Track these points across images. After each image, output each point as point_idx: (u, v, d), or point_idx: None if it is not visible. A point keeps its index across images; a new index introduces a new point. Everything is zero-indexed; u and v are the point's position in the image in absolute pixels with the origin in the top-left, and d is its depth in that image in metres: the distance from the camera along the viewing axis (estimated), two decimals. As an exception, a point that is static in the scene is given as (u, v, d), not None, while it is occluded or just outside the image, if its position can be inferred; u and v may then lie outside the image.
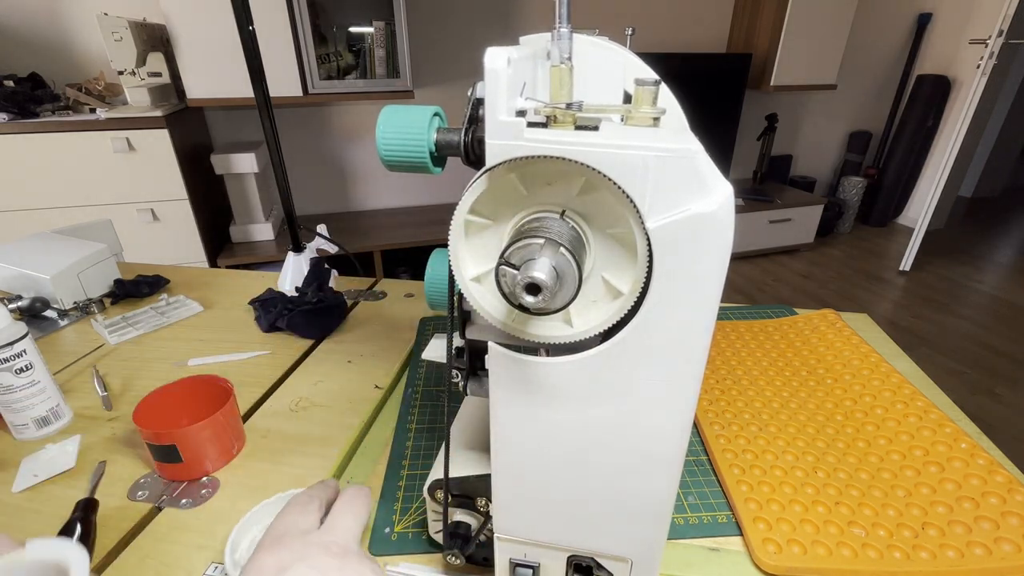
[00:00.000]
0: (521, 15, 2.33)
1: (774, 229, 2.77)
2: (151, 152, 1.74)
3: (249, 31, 0.68)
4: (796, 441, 0.52)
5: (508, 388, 0.28)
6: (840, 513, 0.44)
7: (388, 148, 0.26)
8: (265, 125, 0.73)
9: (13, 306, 0.73)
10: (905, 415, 0.54)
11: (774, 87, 2.53)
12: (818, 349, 0.66)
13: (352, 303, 0.81)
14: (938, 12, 2.89)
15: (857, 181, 3.10)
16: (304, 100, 1.92)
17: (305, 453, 0.52)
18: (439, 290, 0.30)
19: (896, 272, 2.66)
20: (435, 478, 0.37)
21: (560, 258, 0.20)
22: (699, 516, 0.45)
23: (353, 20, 1.93)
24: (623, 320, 0.24)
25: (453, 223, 0.23)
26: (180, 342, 0.72)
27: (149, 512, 0.46)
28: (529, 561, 0.35)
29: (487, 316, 0.25)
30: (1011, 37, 2.20)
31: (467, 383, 0.33)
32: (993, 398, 1.75)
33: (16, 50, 1.87)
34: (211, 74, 1.79)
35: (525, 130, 0.21)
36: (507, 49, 0.21)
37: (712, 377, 0.62)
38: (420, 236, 2.21)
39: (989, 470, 0.47)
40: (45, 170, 1.68)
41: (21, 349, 0.51)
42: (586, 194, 0.23)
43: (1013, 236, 3.11)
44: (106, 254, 0.82)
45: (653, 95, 0.22)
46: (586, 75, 0.31)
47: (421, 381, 0.62)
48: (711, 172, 0.21)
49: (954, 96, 2.92)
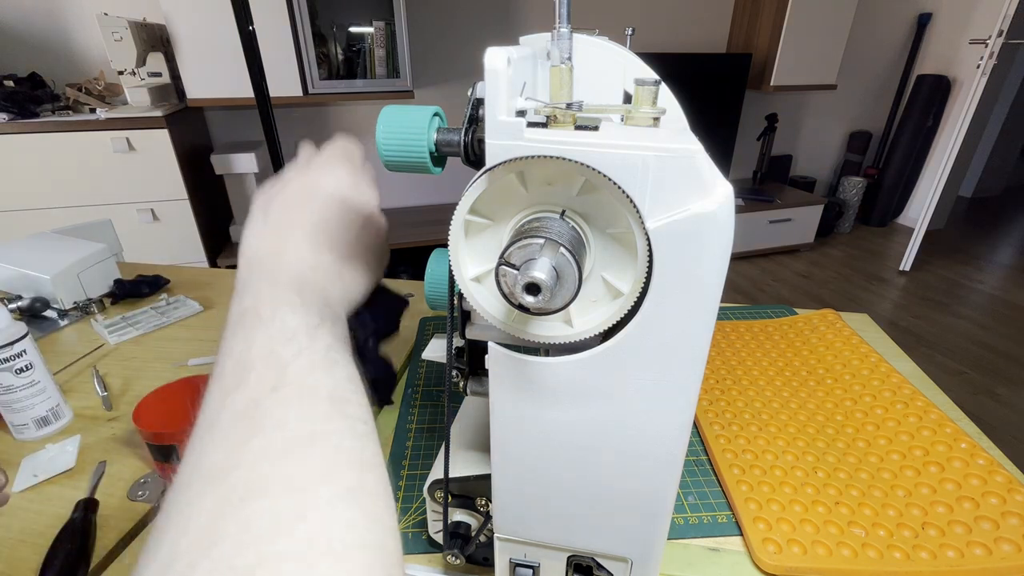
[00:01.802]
0: (521, 15, 2.33)
1: (774, 229, 2.77)
2: (151, 152, 1.74)
3: (249, 31, 0.68)
4: (796, 441, 0.52)
5: (508, 388, 0.28)
6: (840, 513, 0.44)
7: (388, 148, 0.26)
8: (265, 125, 0.73)
9: (13, 306, 0.73)
10: (905, 415, 0.54)
11: (774, 87, 2.53)
12: (818, 349, 0.66)
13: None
14: (938, 12, 2.89)
15: (857, 181, 3.10)
16: (304, 100, 1.92)
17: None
18: (439, 290, 0.30)
19: (896, 272, 2.66)
20: (435, 478, 0.37)
21: (560, 258, 0.20)
22: (699, 516, 0.45)
23: (353, 20, 1.94)
24: (623, 320, 0.24)
25: (453, 223, 0.23)
26: (180, 342, 0.72)
27: (149, 512, 0.46)
28: (529, 561, 0.35)
29: (487, 316, 0.25)
30: (1011, 37, 2.20)
31: (467, 383, 0.33)
32: (993, 398, 1.75)
33: (16, 50, 1.87)
34: (211, 74, 1.79)
35: (525, 130, 0.21)
36: (507, 49, 0.21)
37: (712, 377, 0.62)
38: (420, 236, 2.21)
39: (989, 470, 0.47)
40: (45, 170, 1.68)
41: (21, 349, 0.51)
42: (586, 194, 0.23)
43: (1013, 236, 3.11)
44: (106, 254, 0.82)
45: (653, 95, 0.22)
46: (586, 75, 0.31)
47: (421, 381, 0.62)
48: (711, 172, 0.21)
49: (954, 96, 2.92)
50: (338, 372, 0.24)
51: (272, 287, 0.26)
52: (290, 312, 0.25)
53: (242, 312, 0.25)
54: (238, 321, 0.24)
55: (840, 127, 3.18)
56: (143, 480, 0.49)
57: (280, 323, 0.24)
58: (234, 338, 0.24)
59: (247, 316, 0.25)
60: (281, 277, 0.27)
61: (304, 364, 0.22)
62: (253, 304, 0.25)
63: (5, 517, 0.45)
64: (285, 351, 0.23)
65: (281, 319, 0.24)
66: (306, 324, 0.24)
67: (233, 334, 0.24)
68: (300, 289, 0.27)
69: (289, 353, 0.23)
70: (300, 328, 0.24)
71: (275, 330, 0.24)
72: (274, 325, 0.24)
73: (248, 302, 0.25)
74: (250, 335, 0.23)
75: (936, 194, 2.47)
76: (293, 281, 0.27)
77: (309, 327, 0.24)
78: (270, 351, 0.23)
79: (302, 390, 0.21)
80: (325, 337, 0.25)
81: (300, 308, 0.25)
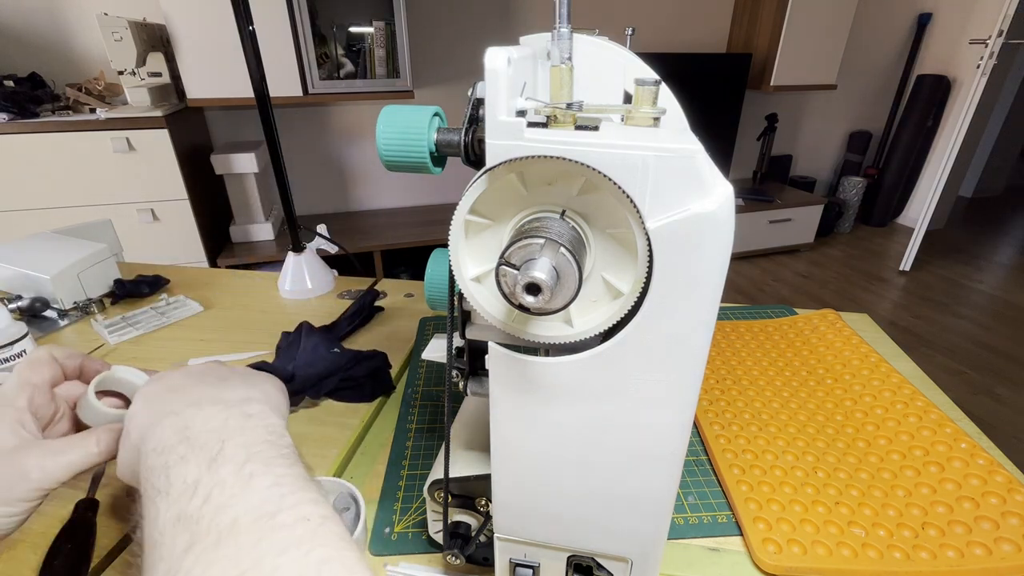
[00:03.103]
0: (521, 15, 2.33)
1: (774, 229, 2.77)
2: (151, 152, 1.74)
3: (249, 31, 0.68)
4: (796, 441, 0.52)
5: (508, 388, 0.28)
6: (840, 513, 0.44)
7: (388, 148, 0.26)
8: (265, 125, 0.73)
9: (13, 306, 0.73)
10: (905, 415, 0.54)
11: (774, 87, 2.53)
12: (818, 349, 0.66)
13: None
14: (938, 12, 2.89)
15: (857, 181, 3.10)
16: (304, 100, 1.92)
17: (305, 453, 0.51)
18: (439, 290, 0.30)
19: (896, 272, 2.66)
20: (435, 478, 0.37)
21: (560, 258, 0.20)
22: (699, 516, 0.45)
23: (353, 20, 1.93)
24: (623, 320, 0.24)
25: (453, 223, 0.23)
26: (180, 342, 0.72)
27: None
28: (529, 561, 0.35)
29: (487, 316, 0.25)
30: (1011, 37, 2.20)
31: (467, 383, 0.33)
32: (993, 398, 1.75)
33: (16, 50, 1.87)
34: (211, 74, 1.79)
35: (525, 130, 0.21)
36: (507, 49, 0.21)
37: (712, 377, 0.62)
38: (420, 236, 2.21)
39: (989, 470, 0.47)
40: (45, 170, 1.68)
41: (21, 349, 0.51)
42: (586, 194, 0.23)
43: (1013, 236, 3.11)
44: (106, 254, 0.82)
45: (653, 95, 0.22)
46: (586, 75, 0.31)
47: (421, 381, 0.62)
48: (711, 172, 0.21)
49: (954, 96, 2.92)
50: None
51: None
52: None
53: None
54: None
55: (840, 127, 3.18)
56: (143, 480, 0.49)
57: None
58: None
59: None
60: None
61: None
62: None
63: (5, 517, 0.45)
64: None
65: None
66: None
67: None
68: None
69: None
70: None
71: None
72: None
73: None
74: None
75: (936, 194, 2.48)
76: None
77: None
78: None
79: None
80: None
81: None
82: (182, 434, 0.26)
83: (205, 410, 0.28)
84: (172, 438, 0.26)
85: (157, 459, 0.25)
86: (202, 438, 0.25)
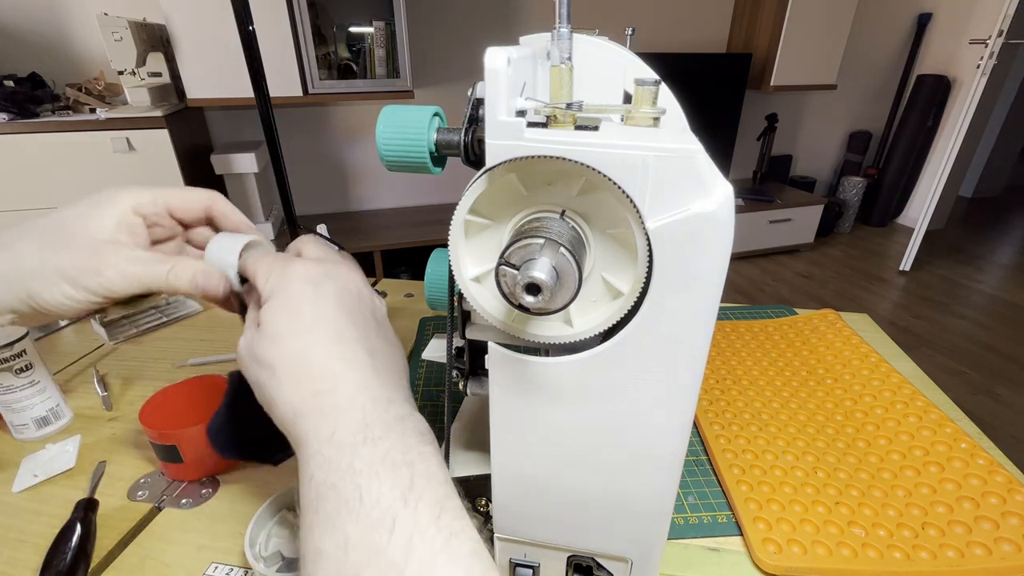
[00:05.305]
0: (521, 15, 2.33)
1: (774, 229, 2.77)
2: (151, 152, 1.74)
3: (249, 31, 0.68)
4: (796, 441, 0.52)
5: (508, 388, 0.28)
6: (840, 513, 0.44)
7: (388, 148, 0.26)
8: (265, 125, 0.73)
9: (13, 306, 0.73)
10: (905, 415, 0.54)
11: (774, 87, 2.53)
12: (818, 349, 0.66)
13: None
14: (938, 12, 2.89)
15: (857, 181, 3.10)
16: (304, 100, 1.92)
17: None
18: (439, 290, 0.30)
19: (896, 272, 2.66)
20: (435, 478, 0.37)
21: (560, 258, 0.20)
22: (699, 516, 0.45)
23: (353, 20, 1.93)
24: (623, 320, 0.24)
25: (453, 223, 0.23)
26: (180, 342, 0.72)
27: (149, 512, 0.46)
28: (529, 561, 0.35)
29: (487, 316, 0.25)
30: (1011, 37, 2.20)
31: (467, 383, 0.33)
32: (993, 398, 1.75)
33: (16, 50, 1.87)
34: (211, 74, 1.79)
35: (525, 130, 0.21)
36: (507, 49, 0.21)
37: (712, 377, 0.62)
38: (420, 236, 2.21)
39: (989, 470, 0.47)
40: (45, 170, 1.68)
41: (21, 349, 0.51)
42: (586, 194, 0.23)
43: (1013, 236, 3.11)
44: (106, 254, 0.82)
45: (653, 95, 0.22)
46: (586, 75, 0.31)
47: (421, 381, 0.62)
48: (711, 172, 0.21)
49: (954, 96, 2.92)
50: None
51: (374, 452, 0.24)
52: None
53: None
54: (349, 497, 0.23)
55: (840, 127, 3.18)
56: (143, 480, 0.49)
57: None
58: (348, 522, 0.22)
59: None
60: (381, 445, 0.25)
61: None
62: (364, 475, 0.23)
63: (5, 517, 0.45)
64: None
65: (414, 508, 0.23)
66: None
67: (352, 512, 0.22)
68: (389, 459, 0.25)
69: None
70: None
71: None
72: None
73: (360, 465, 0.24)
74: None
75: (936, 194, 2.47)
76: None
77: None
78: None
79: None
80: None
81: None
82: (363, 433, 0.25)
83: (378, 405, 0.26)
84: (351, 438, 0.25)
85: (334, 452, 0.24)
86: (390, 456, 0.24)
